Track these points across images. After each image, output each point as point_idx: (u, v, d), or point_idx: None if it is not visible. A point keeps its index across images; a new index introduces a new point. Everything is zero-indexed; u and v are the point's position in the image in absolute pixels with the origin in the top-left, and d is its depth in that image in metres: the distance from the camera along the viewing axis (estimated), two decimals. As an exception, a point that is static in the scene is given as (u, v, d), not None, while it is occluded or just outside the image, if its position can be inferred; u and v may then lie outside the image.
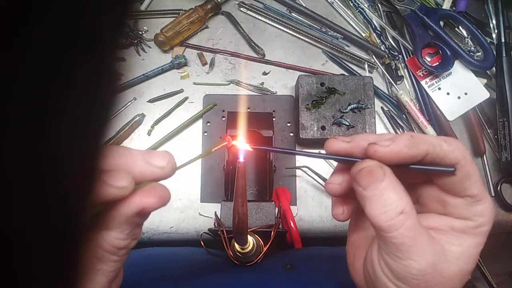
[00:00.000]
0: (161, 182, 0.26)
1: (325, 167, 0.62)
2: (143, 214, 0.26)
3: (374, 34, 0.68)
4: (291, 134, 0.63)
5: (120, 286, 0.30)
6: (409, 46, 0.67)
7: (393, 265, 0.26)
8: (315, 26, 0.68)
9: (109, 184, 0.23)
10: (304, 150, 0.62)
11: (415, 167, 0.27)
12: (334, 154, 0.28)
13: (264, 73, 0.66)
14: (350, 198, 0.30)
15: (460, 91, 0.66)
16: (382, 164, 0.26)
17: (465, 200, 0.27)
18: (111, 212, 0.25)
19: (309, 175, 0.61)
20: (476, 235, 0.27)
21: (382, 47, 0.67)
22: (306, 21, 0.68)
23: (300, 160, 0.63)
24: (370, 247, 0.29)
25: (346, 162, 0.29)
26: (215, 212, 0.51)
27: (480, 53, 0.66)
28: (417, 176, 0.29)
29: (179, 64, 0.65)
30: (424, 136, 0.26)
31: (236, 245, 0.45)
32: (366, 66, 0.67)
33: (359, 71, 0.67)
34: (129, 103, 0.64)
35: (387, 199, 0.25)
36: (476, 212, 0.27)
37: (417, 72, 0.67)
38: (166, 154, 0.26)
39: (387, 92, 0.66)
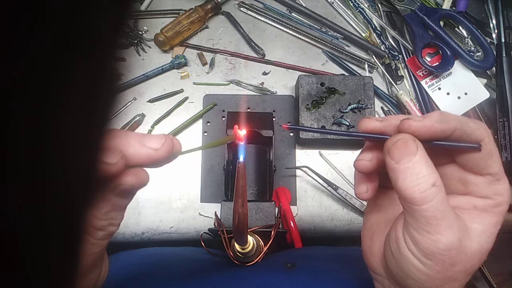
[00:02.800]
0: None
1: (325, 167, 0.62)
2: (120, 193, 0.26)
3: (374, 34, 0.68)
4: (291, 134, 0.63)
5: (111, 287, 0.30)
6: (409, 46, 0.67)
7: (420, 241, 0.27)
8: (315, 26, 0.68)
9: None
10: (336, 130, 0.61)
11: (444, 143, 0.28)
12: (368, 133, 0.29)
13: (264, 73, 0.66)
14: (373, 177, 0.31)
15: (460, 91, 0.66)
16: (415, 138, 0.27)
17: (486, 179, 0.28)
18: None
19: (309, 175, 0.61)
20: (495, 213, 0.28)
21: (382, 47, 0.67)
22: (306, 21, 0.68)
23: (300, 160, 0.63)
24: (393, 225, 0.30)
25: (379, 140, 0.30)
26: (215, 212, 0.51)
27: (480, 53, 0.66)
28: (440, 156, 0.30)
29: (179, 64, 0.65)
30: (452, 114, 0.28)
31: (236, 245, 0.45)
32: (366, 66, 0.67)
33: (359, 71, 0.67)
34: (129, 103, 0.64)
35: (419, 172, 0.26)
36: (496, 191, 0.28)
37: (417, 72, 0.67)
38: (162, 137, 0.26)
39: (387, 92, 0.66)
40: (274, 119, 0.63)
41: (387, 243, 0.30)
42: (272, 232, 0.47)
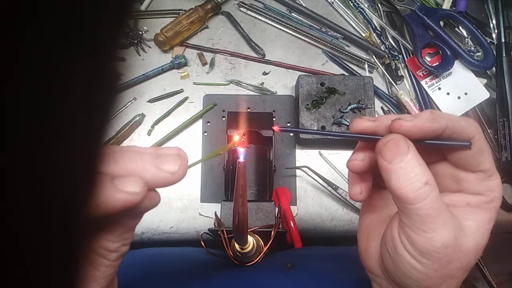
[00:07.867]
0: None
1: (325, 167, 0.62)
2: (133, 216, 0.26)
3: (374, 34, 0.68)
4: (291, 134, 0.63)
5: None
6: (409, 46, 0.67)
7: (416, 239, 0.27)
8: (315, 26, 0.68)
9: (121, 190, 0.22)
10: (328, 131, 0.62)
11: (434, 142, 0.28)
12: (360, 133, 0.30)
13: (264, 73, 0.66)
14: (366, 178, 0.31)
15: (460, 91, 0.66)
16: (406, 138, 0.27)
17: (478, 175, 0.28)
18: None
19: (309, 175, 0.61)
20: (489, 210, 0.29)
21: (382, 47, 0.67)
22: (306, 21, 0.68)
23: (300, 160, 0.63)
24: (389, 226, 0.30)
25: (370, 140, 0.30)
26: (215, 212, 0.51)
27: (480, 53, 0.66)
28: (431, 155, 0.30)
29: (179, 64, 0.65)
30: (443, 113, 0.28)
31: (236, 245, 0.45)
32: (366, 66, 0.67)
33: (359, 71, 0.67)
34: (129, 103, 0.64)
35: (412, 171, 0.26)
36: (489, 187, 0.28)
37: (417, 72, 0.67)
38: (177, 158, 0.25)
39: (387, 92, 0.66)
40: (274, 119, 0.63)
41: (383, 243, 0.30)
42: (272, 232, 0.47)
